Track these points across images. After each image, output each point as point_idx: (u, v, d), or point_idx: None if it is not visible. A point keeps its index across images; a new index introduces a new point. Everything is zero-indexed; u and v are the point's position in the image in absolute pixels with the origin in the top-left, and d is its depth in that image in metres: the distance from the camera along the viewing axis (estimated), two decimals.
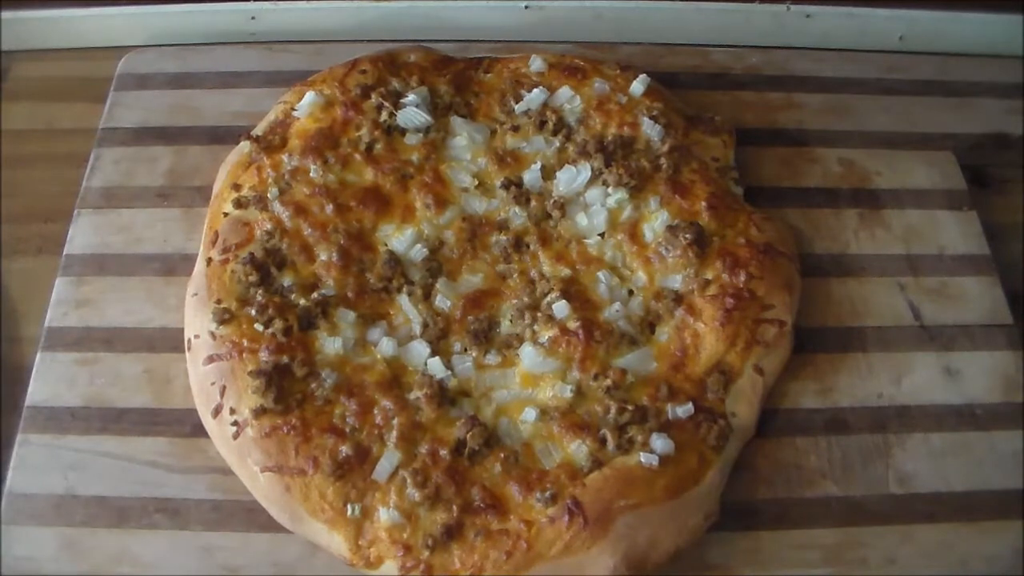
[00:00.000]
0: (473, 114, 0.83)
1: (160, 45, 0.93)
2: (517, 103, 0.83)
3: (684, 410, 0.68)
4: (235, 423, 0.66)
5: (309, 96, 0.80)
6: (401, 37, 0.92)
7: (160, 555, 0.65)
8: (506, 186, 0.78)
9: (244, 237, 0.74)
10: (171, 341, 0.73)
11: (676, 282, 0.74)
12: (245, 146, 0.79)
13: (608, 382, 0.68)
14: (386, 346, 0.70)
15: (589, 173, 0.78)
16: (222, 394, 0.67)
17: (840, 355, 0.76)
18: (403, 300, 0.73)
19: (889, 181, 0.86)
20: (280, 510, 0.65)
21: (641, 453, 0.66)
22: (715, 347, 0.71)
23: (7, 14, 0.92)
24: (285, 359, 0.68)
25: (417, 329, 0.72)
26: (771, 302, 0.73)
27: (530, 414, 0.68)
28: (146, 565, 0.65)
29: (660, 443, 0.66)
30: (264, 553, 0.65)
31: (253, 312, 0.70)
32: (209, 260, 0.73)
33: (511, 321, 0.73)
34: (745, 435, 0.70)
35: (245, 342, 0.68)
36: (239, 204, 0.76)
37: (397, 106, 0.80)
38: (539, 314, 0.72)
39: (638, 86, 0.84)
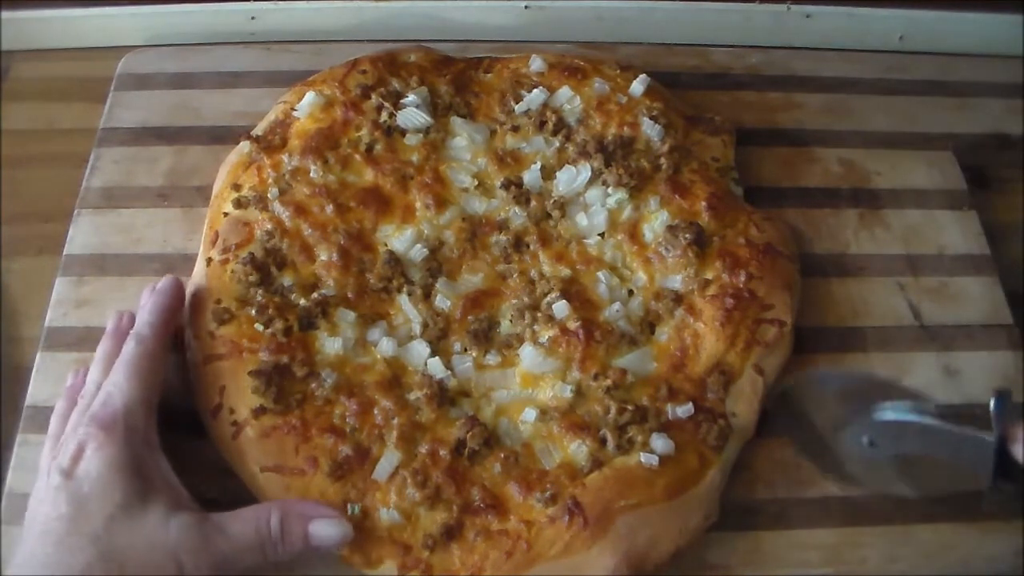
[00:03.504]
0: (473, 114, 0.83)
1: (160, 45, 0.93)
2: (517, 103, 0.83)
3: (684, 410, 0.68)
4: (235, 423, 0.66)
5: (309, 96, 0.80)
6: (401, 37, 0.92)
7: None
8: (506, 186, 0.78)
9: (244, 237, 0.74)
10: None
11: (676, 282, 0.74)
12: (245, 146, 0.79)
13: (608, 382, 0.68)
14: (386, 346, 0.70)
15: (589, 173, 0.78)
16: (221, 394, 0.67)
17: (840, 355, 0.76)
18: (403, 300, 0.73)
19: (889, 181, 0.86)
20: None
21: (641, 453, 0.66)
22: (715, 347, 0.71)
23: (7, 14, 0.92)
24: (285, 359, 0.68)
25: (417, 329, 0.72)
26: (771, 302, 0.73)
27: (530, 414, 0.68)
28: None
29: (660, 443, 0.66)
30: None
31: (253, 312, 0.70)
32: (209, 260, 0.73)
33: (511, 321, 0.72)
34: (745, 435, 0.70)
35: (245, 342, 0.68)
36: (239, 204, 0.76)
37: (397, 106, 0.80)
38: (539, 314, 0.72)
39: (638, 86, 0.84)
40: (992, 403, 0.58)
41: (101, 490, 0.58)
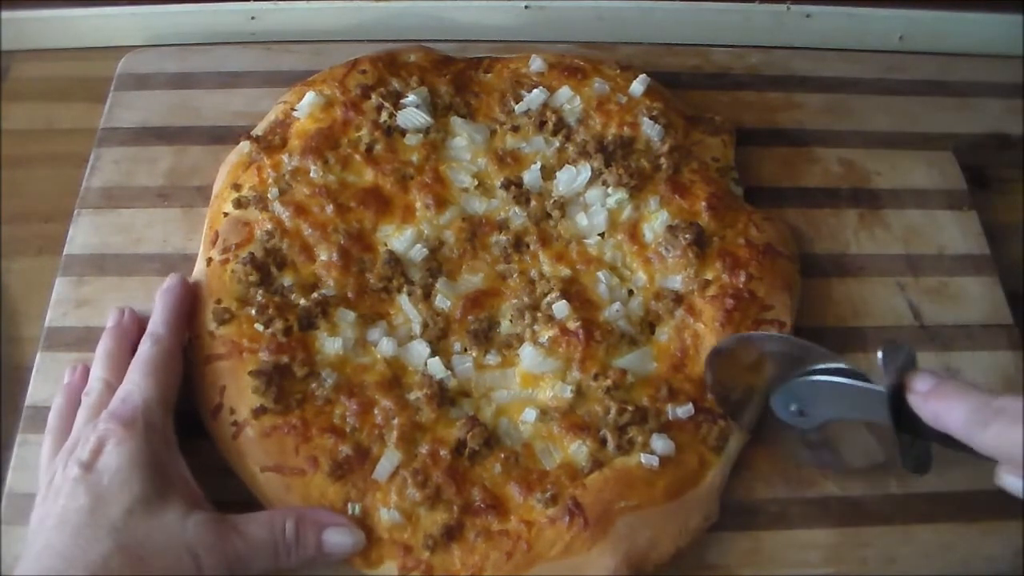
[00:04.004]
0: (473, 114, 0.83)
1: (160, 45, 0.93)
2: (517, 103, 0.83)
3: (684, 411, 0.68)
4: (235, 423, 0.66)
5: (309, 96, 0.80)
6: (401, 37, 0.92)
7: None
8: (506, 186, 0.78)
9: (244, 237, 0.74)
10: None
11: (676, 282, 0.74)
12: (245, 146, 0.79)
13: (608, 382, 0.68)
14: (386, 346, 0.70)
15: (589, 173, 0.78)
16: (222, 394, 0.67)
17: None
18: (403, 300, 0.73)
19: (889, 181, 0.86)
20: None
21: (642, 454, 0.66)
22: None
23: (7, 14, 0.92)
24: (285, 359, 0.68)
25: (417, 329, 0.72)
26: (771, 303, 0.73)
27: (530, 414, 0.68)
28: None
29: (660, 444, 0.66)
30: None
31: (253, 312, 0.70)
32: (209, 260, 0.73)
33: (511, 321, 0.72)
34: (745, 435, 0.70)
35: (245, 342, 0.68)
36: (239, 204, 0.76)
37: (397, 106, 0.80)
38: (539, 314, 0.72)
39: (638, 86, 0.84)
40: (880, 354, 0.57)
41: (121, 483, 0.58)
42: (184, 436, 0.66)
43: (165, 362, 0.65)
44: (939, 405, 0.54)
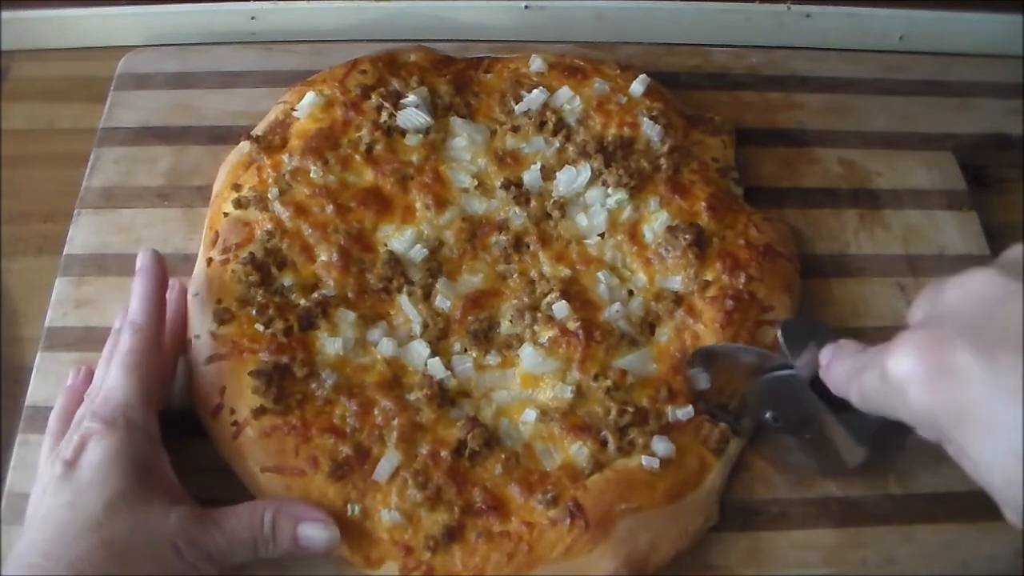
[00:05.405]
0: (473, 114, 0.83)
1: (160, 45, 0.93)
2: (517, 103, 0.83)
3: (684, 412, 0.68)
4: (235, 423, 0.66)
5: (309, 96, 0.80)
6: (401, 37, 0.92)
7: None
8: (506, 186, 0.78)
9: (244, 237, 0.74)
10: None
11: (676, 283, 0.74)
12: (245, 146, 0.79)
13: (608, 383, 0.68)
14: (386, 346, 0.70)
15: (589, 173, 0.78)
16: (222, 394, 0.67)
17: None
18: (403, 300, 0.73)
19: (889, 181, 0.86)
20: None
21: (643, 456, 0.66)
22: None
23: (7, 14, 0.92)
24: (285, 359, 0.68)
25: (417, 329, 0.72)
26: (771, 304, 0.73)
27: (530, 415, 0.68)
28: None
29: (661, 446, 0.66)
30: None
31: (253, 312, 0.70)
32: (209, 260, 0.73)
33: (511, 321, 0.72)
34: (745, 437, 0.70)
35: (245, 342, 0.68)
36: (239, 204, 0.76)
37: (397, 106, 0.80)
38: (539, 314, 0.72)
39: (638, 86, 0.84)
40: (779, 336, 0.55)
41: (102, 478, 0.58)
42: (184, 436, 0.66)
43: (145, 355, 0.64)
44: (831, 372, 0.52)
